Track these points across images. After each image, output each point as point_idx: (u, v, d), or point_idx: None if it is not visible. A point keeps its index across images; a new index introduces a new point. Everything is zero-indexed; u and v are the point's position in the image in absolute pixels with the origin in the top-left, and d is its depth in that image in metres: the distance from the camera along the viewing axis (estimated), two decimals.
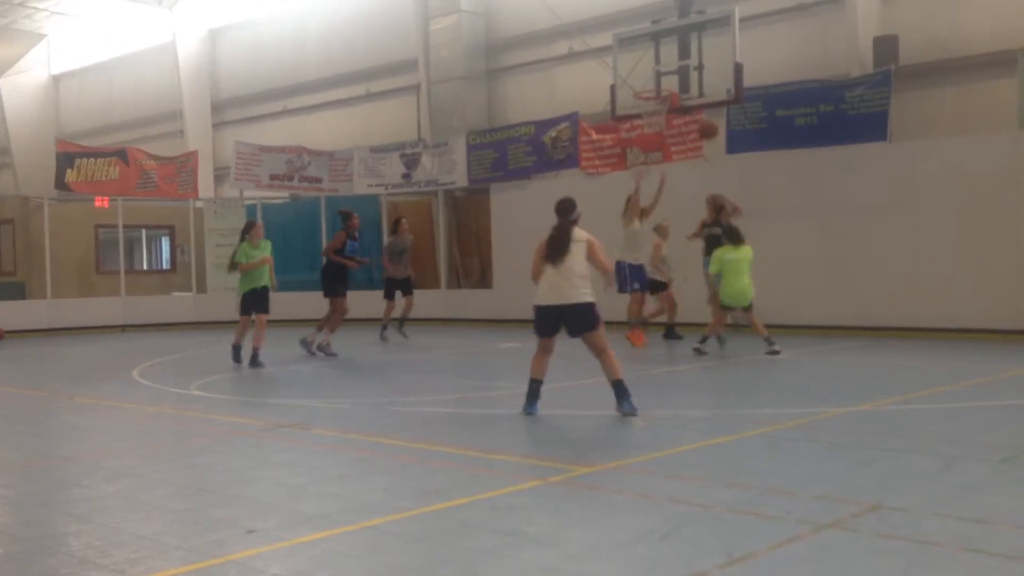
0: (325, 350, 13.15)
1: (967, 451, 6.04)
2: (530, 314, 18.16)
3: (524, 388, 9.73)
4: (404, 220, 15.64)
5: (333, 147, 21.47)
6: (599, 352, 7.54)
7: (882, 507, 4.70)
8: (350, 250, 13.61)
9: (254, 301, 12.05)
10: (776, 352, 11.26)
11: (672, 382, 10.17)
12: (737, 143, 15.48)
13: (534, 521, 4.68)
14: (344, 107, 23.47)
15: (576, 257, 7.54)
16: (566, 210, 7.71)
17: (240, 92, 25.86)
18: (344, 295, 13.48)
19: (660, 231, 13.70)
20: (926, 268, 13.52)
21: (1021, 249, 12.81)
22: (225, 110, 26.45)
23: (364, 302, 16.91)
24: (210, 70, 26.56)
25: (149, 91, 27.78)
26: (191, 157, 21.35)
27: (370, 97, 22.90)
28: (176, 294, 21.26)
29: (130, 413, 8.85)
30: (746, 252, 11.60)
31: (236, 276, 12.08)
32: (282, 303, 20.27)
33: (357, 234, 13.87)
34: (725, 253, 11.68)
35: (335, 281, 13.49)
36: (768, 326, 12.98)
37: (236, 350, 12.13)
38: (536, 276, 7.69)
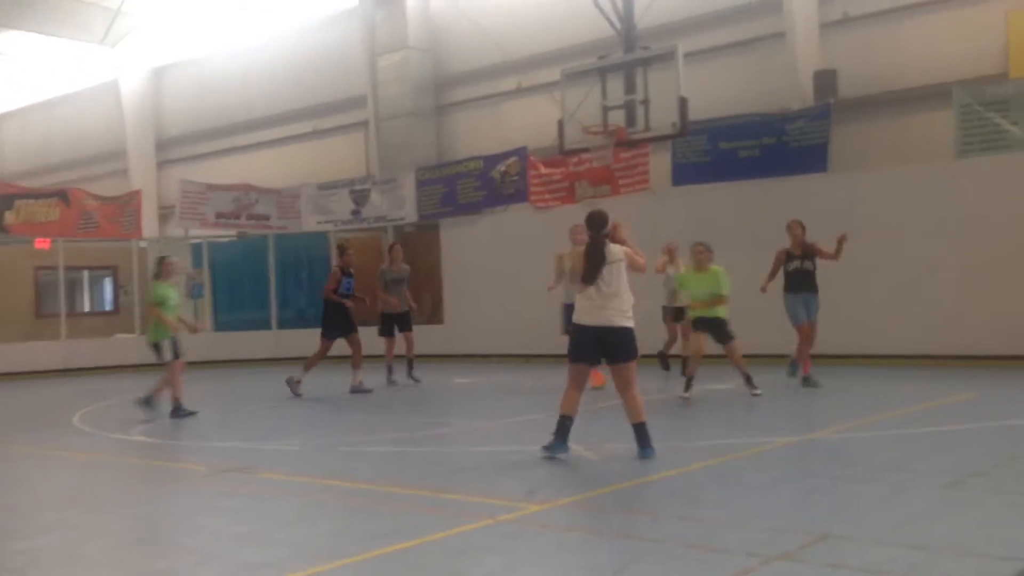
0: (293, 388, 12.67)
1: (912, 478, 6.09)
2: (483, 348, 17.98)
3: (476, 424, 9.71)
4: (398, 247, 14.27)
5: (281, 184, 21.32)
6: (625, 387, 7.03)
7: (830, 536, 4.71)
8: (346, 287, 13.03)
9: (180, 345, 10.90)
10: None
11: (621, 415, 10.14)
12: (682, 175, 15.67)
13: (483, 562, 4.61)
14: (292, 144, 23.37)
15: (616, 275, 7.02)
16: (598, 224, 7.12)
17: (185, 130, 25.63)
18: (332, 339, 12.88)
19: (667, 252, 12.78)
20: (866, 295, 13.72)
21: (959, 276, 13.07)
22: (170, 148, 26.18)
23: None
24: (154, 108, 26.30)
25: (91, 130, 27.41)
26: (134, 196, 21.05)
27: (318, 134, 22.83)
28: (119, 336, 20.83)
29: (68, 461, 8.61)
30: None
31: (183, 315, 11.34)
32: (229, 343, 20.09)
33: (352, 269, 13.31)
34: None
35: (330, 322, 12.97)
36: (716, 356, 13.04)
37: (180, 405, 10.80)
38: (558, 282, 7.15)
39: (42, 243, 20.02)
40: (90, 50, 26.13)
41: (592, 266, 7.03)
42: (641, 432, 7.03)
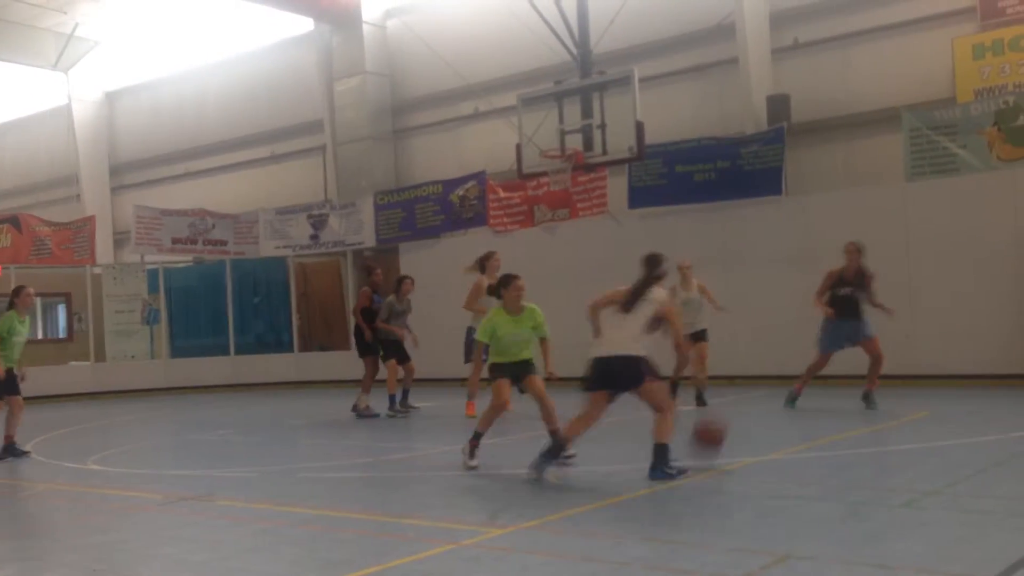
0: (365, 412, 12.74)
1: (870, 496, 6.17)
2: (443, 372, 17.94)
3: (437, 448, 9.67)
4: (409, 280, 13.37)
5: (238, 209, 21.16)
6: (656, 409, 7.16)
7: (791, 557, 4.74)
8: (377, 303, 13.09)
9: (11, 382, 10.38)
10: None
11: (583, 438, 10.14)
12: (639, 198, 15.80)
13: None
14: (248, 169, 23.20)
15: (640, 313, 7.15)
16: (651, 265, 7.39)
17: (139, 155, 25.35)
18: (377, 355, 12.99)
19: (680, 271, 11.68)
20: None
21: (911, 296, 13.31)
22: (124, 174, 25.88)
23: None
24: (107, 133, 26.00)
25: (43, 155, 27.00)
26: (88, 222, 20.77)
27: (275, 159, 22.70)
28: (73, 364, 20.48)
29: (22, 491, 8.43)
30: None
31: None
32: (186, 369, 19.82)
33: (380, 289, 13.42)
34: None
35: (361, 341, 13.05)
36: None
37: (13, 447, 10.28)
38: (593, 318, 7.31)
39: None
40: (43, 75, 25.80)
41: (628, 300, 7.20)
42: (659, 453, 7.05)
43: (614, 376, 7.14)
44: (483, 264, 12.21)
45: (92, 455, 10.23)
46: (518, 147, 14.11)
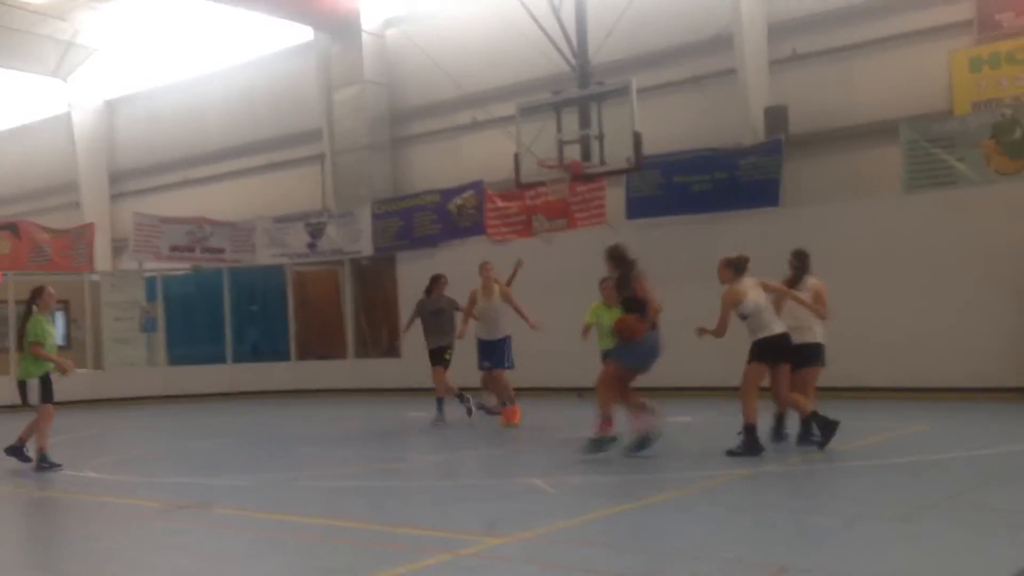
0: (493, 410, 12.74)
1: (866, 509, 6.17)
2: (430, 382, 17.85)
3: (433, 457, 9.68)
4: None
5: (236, 218, 21.16)
6: (804, 390, 9.12)
7: (790, 569, 4.74)
8: None
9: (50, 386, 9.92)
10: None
11: (572, 449, 10.14)
12: (637, 209, 15.83)
13: None
14: (246, 177, 23.21)
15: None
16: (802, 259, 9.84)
17: (139, 163, 25.38)
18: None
19: None
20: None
21: (907, 307, 13.31)
22: (123, 181, 25.89)
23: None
24: (107, 141, 26.03)
25: (43, 163, 27.01)
26: (87, 229, 20.76)
27: (273, 167, 22.72)
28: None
29: (18, 499, 8.41)
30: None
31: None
32: (184, 377, 19.80)
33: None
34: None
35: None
36: (664, 389, 13.06)
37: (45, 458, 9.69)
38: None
39: None
40: (43, 82, 25.84)
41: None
42: (806, 424, 8.98)
43: (788, 354, 9.04)
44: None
45: (89, 462, 10.21)
46: (516, 156, 14.11)
